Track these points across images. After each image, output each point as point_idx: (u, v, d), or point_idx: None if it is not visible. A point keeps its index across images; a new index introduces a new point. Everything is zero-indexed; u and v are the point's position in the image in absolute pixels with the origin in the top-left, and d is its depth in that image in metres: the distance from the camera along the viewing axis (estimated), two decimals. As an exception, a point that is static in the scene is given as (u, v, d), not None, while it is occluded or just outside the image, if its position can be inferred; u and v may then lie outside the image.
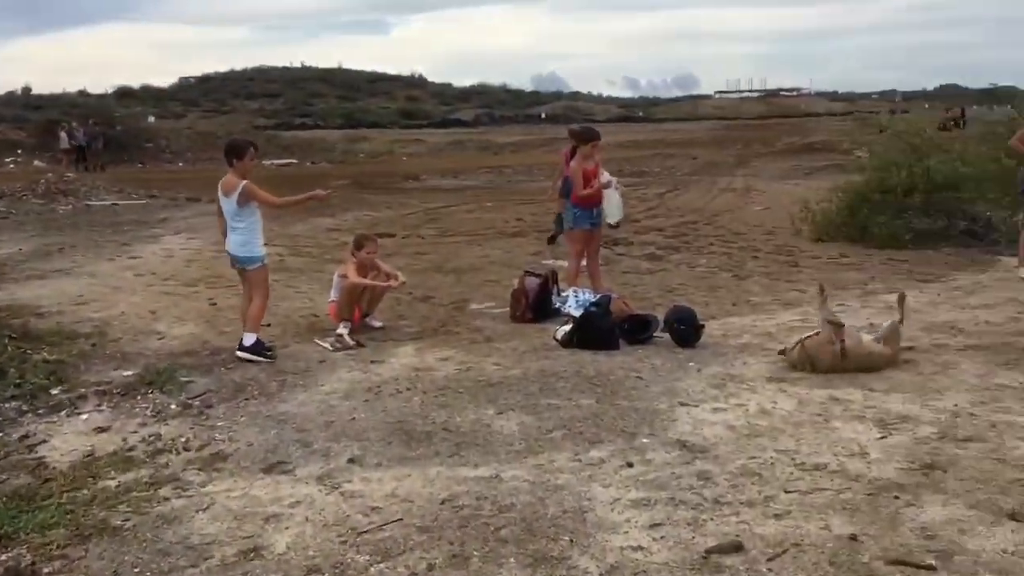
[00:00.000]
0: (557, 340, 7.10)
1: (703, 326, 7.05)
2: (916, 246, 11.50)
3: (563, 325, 7.34)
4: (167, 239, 14.17)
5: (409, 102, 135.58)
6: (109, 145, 33.26)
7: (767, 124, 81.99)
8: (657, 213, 16.73)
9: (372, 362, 6.80)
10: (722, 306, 8.57)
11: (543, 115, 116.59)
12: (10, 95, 48.64)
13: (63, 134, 31.38)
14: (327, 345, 7.29)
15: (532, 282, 8.26)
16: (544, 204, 18.79)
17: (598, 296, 7.14)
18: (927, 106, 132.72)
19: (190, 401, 5.97)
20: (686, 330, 6.95)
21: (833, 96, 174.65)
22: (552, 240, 11.44)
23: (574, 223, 8.82)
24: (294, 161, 35.50)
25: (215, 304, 9.09)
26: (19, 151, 33.75)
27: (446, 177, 28.00)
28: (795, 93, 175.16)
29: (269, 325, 7.97)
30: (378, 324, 7.99)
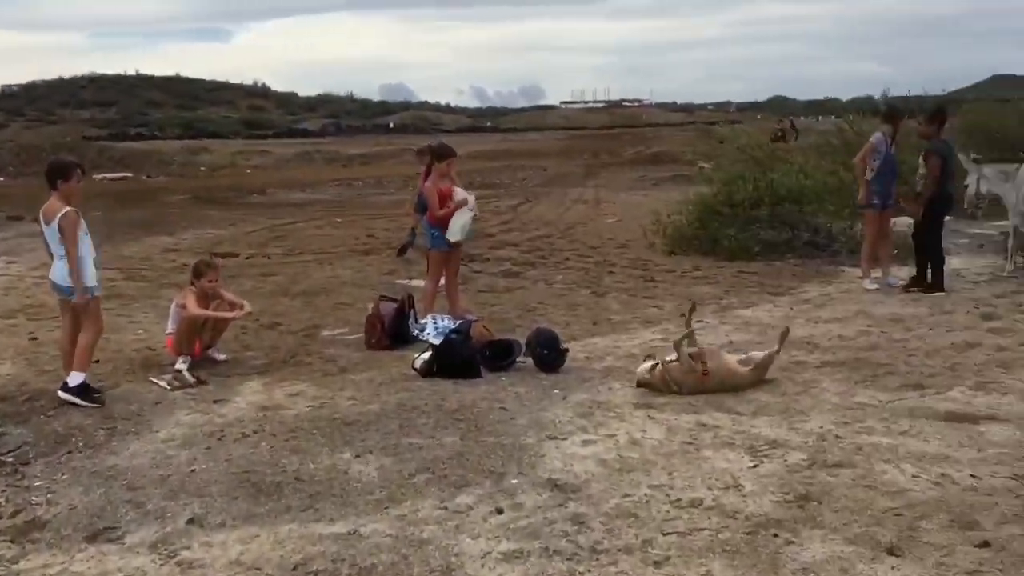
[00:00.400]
0: (416, 369, 6.74)
1: (567, 350, 6.86)
2: (764, 258, 11.78)
3: (422, 353, 6.99)
4: (-17, 264, 12.92)
5: (252, 111, 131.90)
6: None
7: (612, 134, 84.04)
8: (512, 227, 16.61)
9: (215, 402, 6.25)
10: (583, 325, 8.43)
11: (391, 125, 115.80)
12: None
13: None
14: (164, 384, 6.67)
15: (388, 307, 7.88)
16: (396, 219, 18.41)
17: (457, 322, 6.83)
18: (759, 116, 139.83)
19: (2, 457, 5.27)
20: (549, 355, 6.73)
21: (672, 107, 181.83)
22: (402, 252, 11.15)
23: (432, 244, 8.51)
24: (129, 175, 33.49)
25: (36, 339, 8.25)
26: None
27: (293, 191, 27.04)
28: (637, 104, 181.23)
29: (98, 361, 7.26)
30: (221, 357, 7.41)
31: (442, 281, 8.77)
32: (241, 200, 24.05)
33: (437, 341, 6.66)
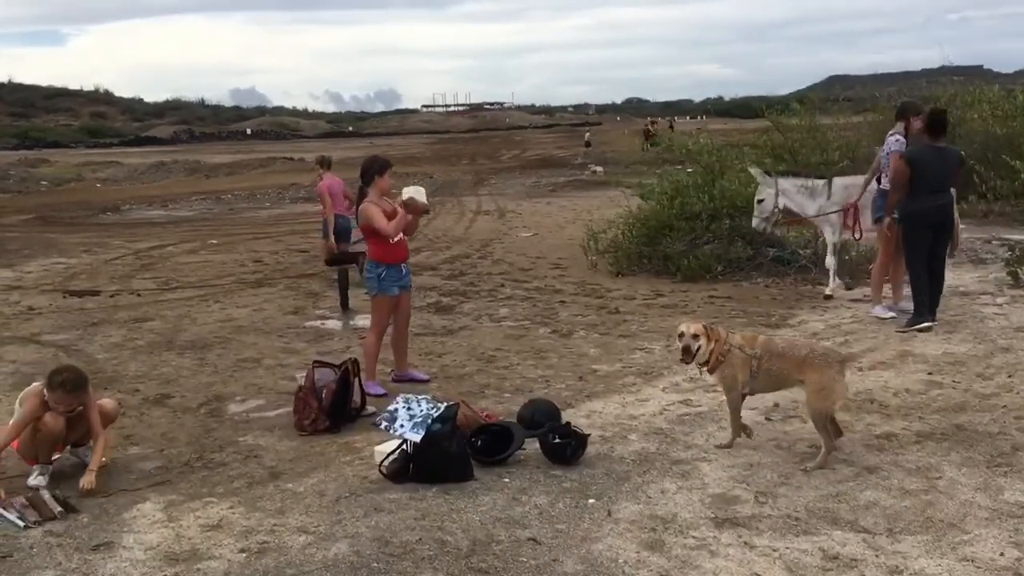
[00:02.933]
0: (383, 472, 4.86)
1: (587, 436, 5.12)
2: (727, 278, 10.38)
3: (384, 443, 5.12)
4: None
5: (95, 119, 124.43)
6: None
7: (480, 137, 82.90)
8: (419, 245, 14.71)
9: (94, 548, 4.21)
10: (567, 382, 6.71)
11: (249, 132, 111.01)
12: None
13: None
14: (13, 517, 4.55)
15: (325, 375, 5.93)
16: (282, 239, 16.23)
17: (437, 405, 5.01)
18: (618, 118, 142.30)
19: None
20: (566, 445, 4.98)
21: (532, 109, 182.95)
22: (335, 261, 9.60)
23: (377, 288, 6.62)
24: (-45, 192, 29.60)
25: None
26: None
27: (153, 207, 24.19)
28: (498, 107, 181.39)
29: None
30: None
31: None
32: (93, 220, 21.16)
33: (417, 436, 4.80)
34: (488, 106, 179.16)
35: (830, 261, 9.35)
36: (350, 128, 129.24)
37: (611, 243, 11.78)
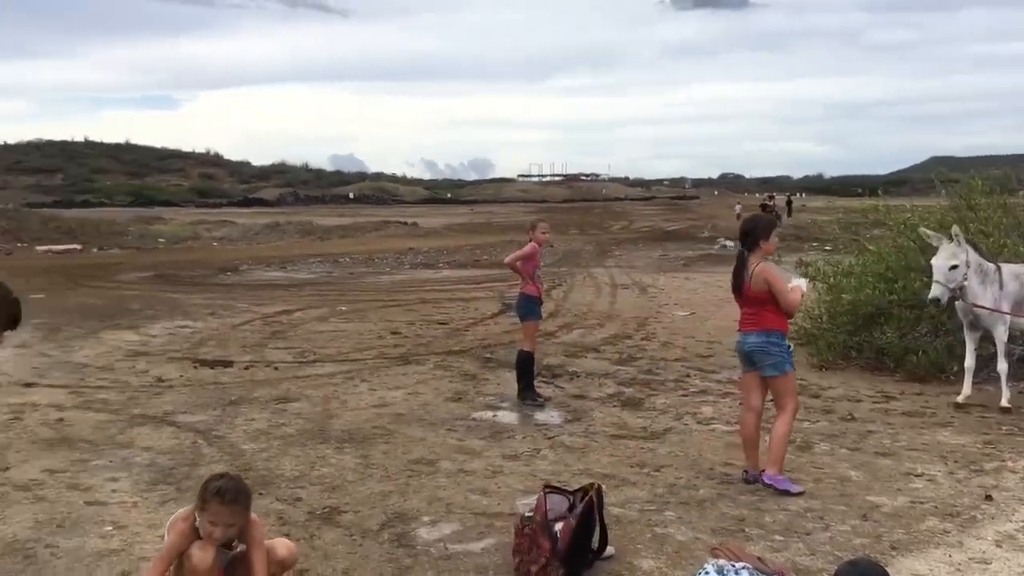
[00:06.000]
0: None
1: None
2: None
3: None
4: None
5: (204, 180, 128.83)
6: None
7: (579, 207, 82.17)
8: (565, 320, 13.38)
9: None
10: (846, 520, 5.15)
11: (351, 195, 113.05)
12: None
13: None
14: None
15: (558, 505, 4.52)
16: (414, 308, 15.11)
17: (751, 571, 3.56)
18: (716, 193, 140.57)
19: None
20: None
21: (627, 181, 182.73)
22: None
23: (790, 363, 5.79)
24: (77, 247, 29.69)
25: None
26: None
27: (271, 267, 23.56)
28: (593, 177, 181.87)
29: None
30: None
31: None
32: (213, 280, 20.52)
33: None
34: (584, 177, 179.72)
35: (1003, 366, 7.68)
36: (448, 195, 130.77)
37: (805, 332, 10.18)
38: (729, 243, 28.30)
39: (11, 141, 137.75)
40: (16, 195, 75.50)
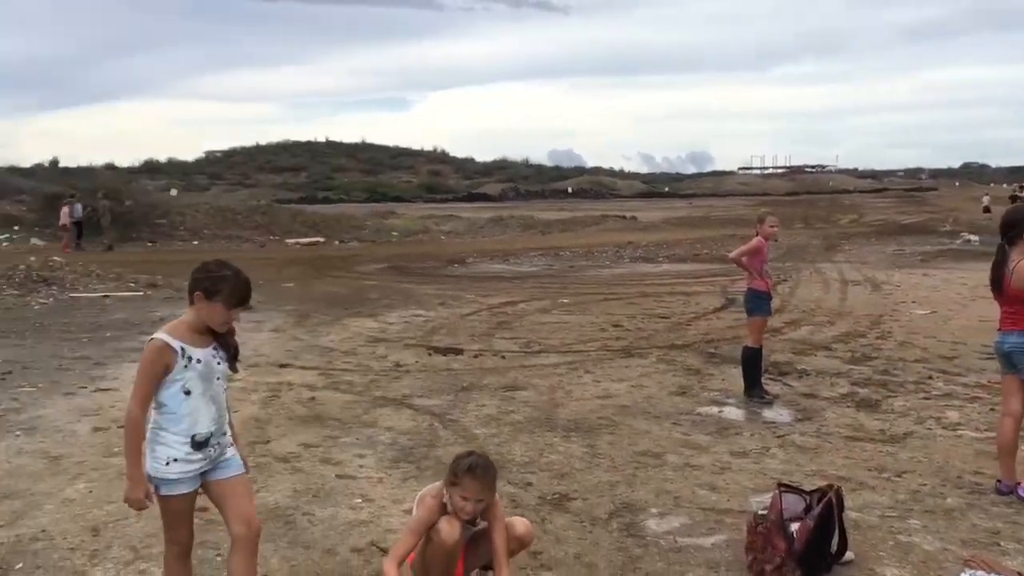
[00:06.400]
0: None
1: None
2: None
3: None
4: (157, 355, 10.44)
5: (431, 176, 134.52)
6: (117, 221, 29.93)
7: (803, 200, 78.80)
8: (795, 318, 12.92)
9: None
10: (1124, 542, 4.68)
11: (570, 190, 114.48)
12: (38, 167, 46.13)
13: (65, 209, 28.04)
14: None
15: (793, 505, 4.41)
16: (635, 301, 15.12)
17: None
18: (956, 184, 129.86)
19: None
20: None
21: (856, 173, 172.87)
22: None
23: None
24: (321, 240, 32.01)
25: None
26: (16, 228, 30.41)
27: (495, 260, 24.34)
28: (819, 169, 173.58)
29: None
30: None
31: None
32: (441, 271, 21.48)
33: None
34: (808, 168, 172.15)
35: None
36: (666, 188, 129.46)
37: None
38: (973, 238, 26.25)
39: (262, 142, 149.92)
40: (267, 192, 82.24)
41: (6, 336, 11.81)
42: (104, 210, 29.22)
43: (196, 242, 32.12)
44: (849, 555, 4.42)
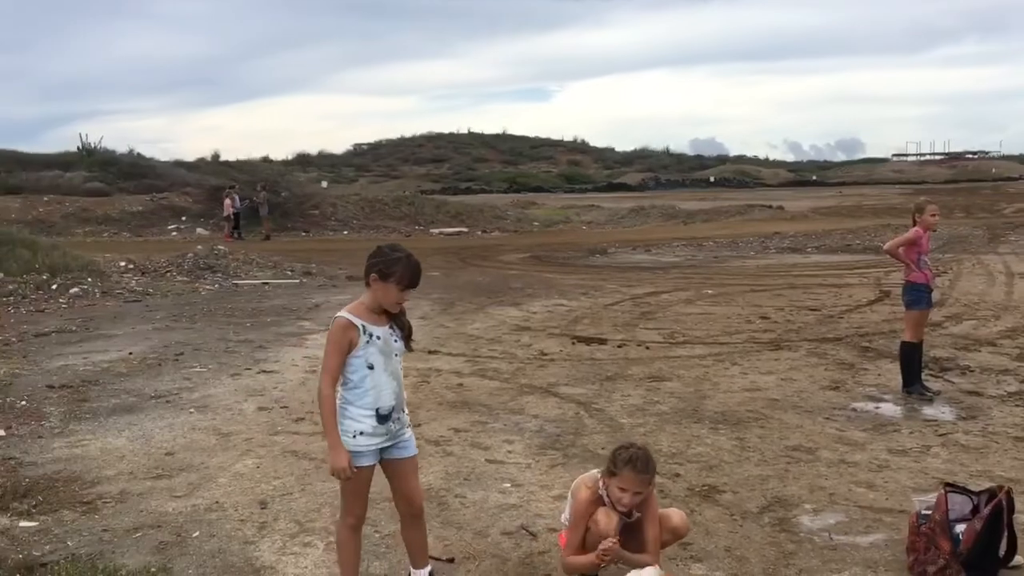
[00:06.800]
0: None
1: None
2: None
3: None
4: (314, 340, 10.96)
5: (571, 166, 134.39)
6: (274, 212, 31.42)
7: (964, 188, 74.30)
8: (955, 312, 12.28)
9: None
10: None
11: (712, 179, 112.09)
12: (201, 160, 48.90)
13: (227, 200, 29.67)
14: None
15: (960, 506, 4.24)
16: (782, 293, 14.72)
17: None
18: None
19: None
20: None
21: (1022, 159, 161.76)
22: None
23: None
24: (464, 230, 32.64)
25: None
26: (183, 218, 32.42)
27: (637, 251, 24.18)
28: (980, 155, 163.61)
29: (451, 560, 4.39)
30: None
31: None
32: (583, 262, 21.52)
33: None
34: (969, 155, 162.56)
35: None
36: (814, 177, 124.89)
37: None
38: None
39: (406, 134, 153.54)
40: (411, 183, 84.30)
41: (178, 320, 12.64)
42: (263, 201, 30.70)
43: (346, 232, 33.32)
44: (1018, 559, 4.21)
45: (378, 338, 3.75)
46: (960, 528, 4.12)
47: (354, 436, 3.72)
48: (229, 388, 8.39)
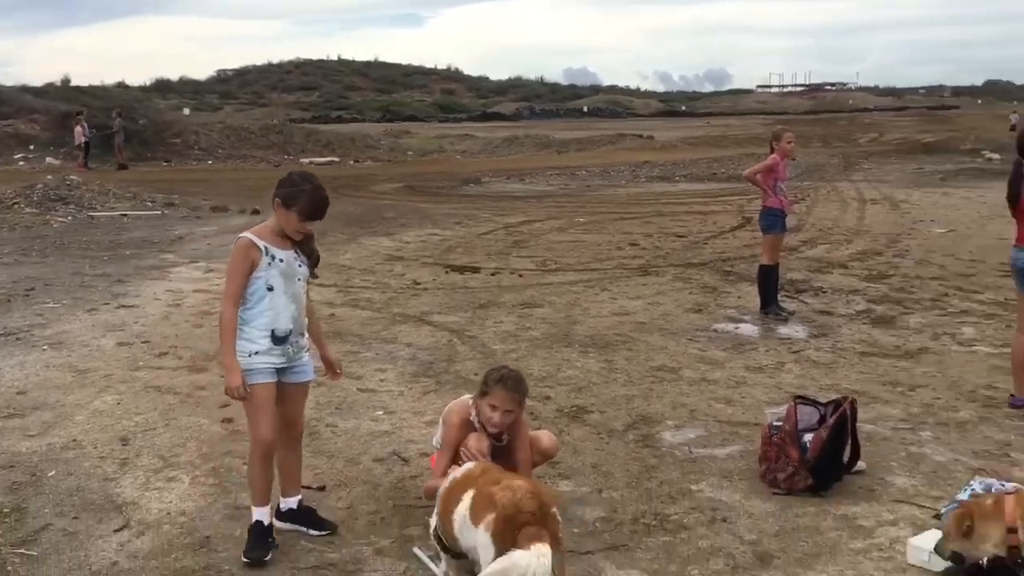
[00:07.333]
0: (927, 562, 3.34)
1: None
2: None
3: (924, 534, 3.60)
4: (177, 272, 10.58)
5: (445, 95, 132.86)
6: (131, 140, 29.83)
7: (823, 119, 77.48)
8: (811, 236, 12.87)
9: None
10: None
11: (585, 109, 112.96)
12: (50, 86, 45.73)
13: (78, 128, 27.92)
14: (437, 570, 3.58)
15: (808, 416, 4.49)
16: (652, 221, 15.08)
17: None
18: (979, 102, 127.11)
19: None
20: None
21: (877, 91, 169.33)
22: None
23: None
24: (336, 159, 31.88)
25: (231, 422, 5.42)
26: (31, 147, 30.37)
27: (510, 180, 24.22)
28: (839, 87, 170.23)
29: (322, 488, 4.37)
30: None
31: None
32: (457, 191, 21.41)
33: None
34: (828, 87, 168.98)
35: None
36: (683, 108, 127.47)
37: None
38: (995, 156, 25.86)
39: (274, 60, 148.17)
40: (279, 112, 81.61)
41: (27, 254, 11.94)
42: (118, 129, 29.08)
43: (210, 162, 32.04)
44: (861, 465, 4.52)
45: (280, 261, 3.76)
46: (808, 437, 4.37)
47: (249, 355, 3.72)
48: (86, 324, 8.02)
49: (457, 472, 3.52)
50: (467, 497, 3.19)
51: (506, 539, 2.91)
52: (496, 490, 3.08)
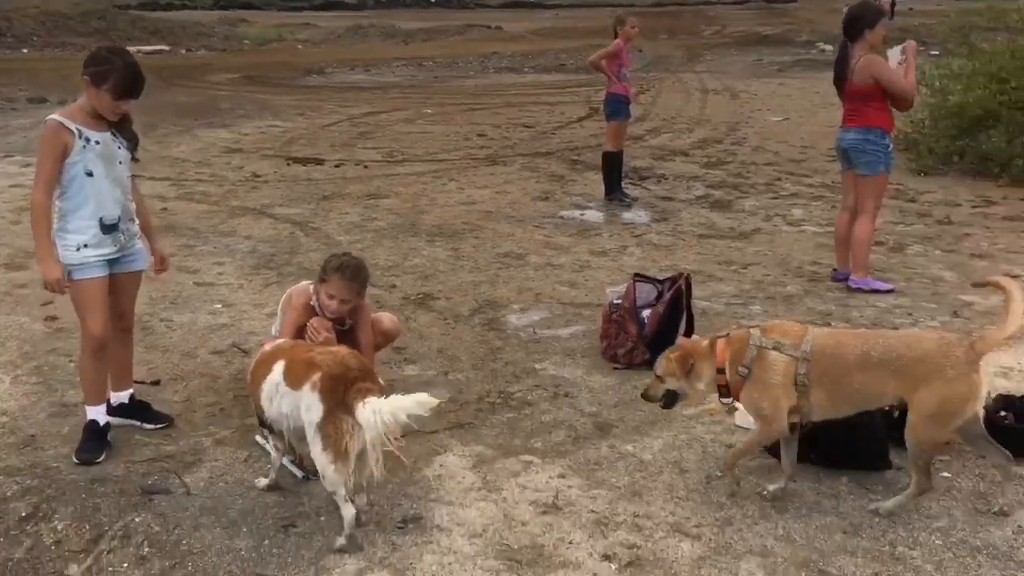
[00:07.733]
0: (752, 423, 3.54)
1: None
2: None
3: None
4: (-10, 168, 9.77)
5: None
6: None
7: (669, 12, 78.02)
8: (655, 125, 13.10)
9: (401, 525, 3.12)
10: (934, 315, 5.15)
11: (433, 0, 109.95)
12: None
13: None
14: (294, 468, 3.51)
15: (646, 294, 4.61)
16: (499, 111, 14.96)
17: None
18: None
19: None
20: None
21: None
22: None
23: (885, 163, 5.67)
24: (166, 48, 29.84)
25: (55, 320, 5.10)
26: None
27: (356, 70, 23.38)
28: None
29: (158, 383, 4.22)
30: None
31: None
32: (299, 82, 20.53)
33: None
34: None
35: None
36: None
37: (906, 137, 9.79)
38: (828, 47, 26.87)
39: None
40: (102, -3, 75.39)
41: None
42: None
43: (25, 50, 29.41)
44: (695, 338, 4.68)
45: (97, 143, 3.47)
46: (646, 313, 4.50)
47: (78, 248, 3.48)
48: None
49: (266, 346, 3.45)
50: (278, 367, 3.14)
51: (336, 395, 2.89)
52: (314, 355, 3.06)
